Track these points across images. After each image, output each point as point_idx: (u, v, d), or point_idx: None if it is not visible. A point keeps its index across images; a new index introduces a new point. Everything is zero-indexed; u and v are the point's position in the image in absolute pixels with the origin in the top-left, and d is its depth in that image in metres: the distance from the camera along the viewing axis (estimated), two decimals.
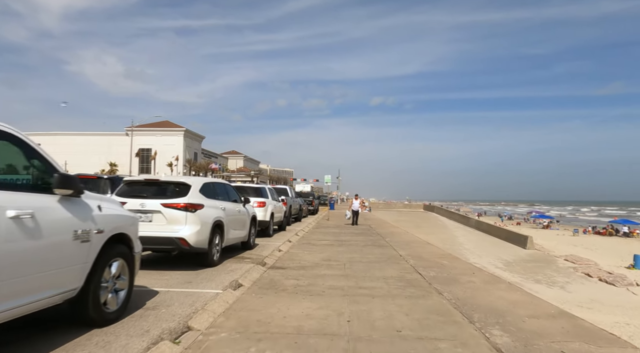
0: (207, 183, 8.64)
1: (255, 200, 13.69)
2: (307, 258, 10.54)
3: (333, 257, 10.87)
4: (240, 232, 10.11)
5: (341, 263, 9.87)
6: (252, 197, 13.79)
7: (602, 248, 34.02)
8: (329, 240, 15.06)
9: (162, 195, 7.75)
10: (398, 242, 15.24)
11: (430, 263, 10.28)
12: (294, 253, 11.41)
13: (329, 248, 12.70)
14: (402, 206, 65.60)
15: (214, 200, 8.64)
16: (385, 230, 21.07)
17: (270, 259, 9.93)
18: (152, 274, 7.45)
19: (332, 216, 31.01)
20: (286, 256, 10.78)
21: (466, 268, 9.84)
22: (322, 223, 24.83)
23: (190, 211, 7.64)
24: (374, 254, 11.60)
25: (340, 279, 7.91)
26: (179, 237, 7.49)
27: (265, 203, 13.90)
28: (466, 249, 24.75)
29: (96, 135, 78.85)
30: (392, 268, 9.37)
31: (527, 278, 16.08)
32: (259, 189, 14.15)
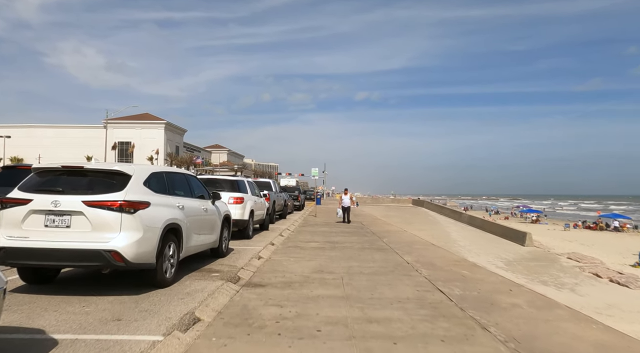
0: (156, 174, 6.27)
1: (230, 195, 11.34)
2: (294, 268, 8.26)
3: (326, 266, 8.62)
4: (208, 236, 7.78)
5: (337, 275, 7.62)
6: (227, 192, 11.44)
7: (598, 244, 32.59)
8: (319, 241, 12.80)
9: (87, 190, 5.37)
10: (398, 242, 13.07)
11: (447, 274, 8.12)
12: (278, 261, 9.12)
13: (320, 253, 10.44)
14: (390, 201, 63.64)
15: (167, 196, 6.29)
16: (379, 228, 18.91)
17: (246, 271, 7.62)
18: (69, 302, 5.09)
19: (319, 212, 28.76)
20: (268, 266, 8.48)
21: (496, 282, 7.69)
22: (310, 220, 22.54)
23: (127, 212, 5.28)
24: (375, 261, 9.38)
25: (340, 305, 5.66)
26: (110, 250, 5.13)
27: (243, 199, 11.54)
28: (462, 247, 22.76)
29: (73, 128, 74.98)
30: (404, 283, 7.16)
31: (532, 280, 14.07)
32: (235, 183, 11.78)
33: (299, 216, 24.06)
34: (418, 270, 8.41)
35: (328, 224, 19.79)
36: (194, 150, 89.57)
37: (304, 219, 22.56)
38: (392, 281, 7.29)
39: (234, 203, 11.30)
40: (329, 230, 16.56)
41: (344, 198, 20.61)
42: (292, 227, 16.97)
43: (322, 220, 22.25)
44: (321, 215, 26.36)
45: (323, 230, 16.48)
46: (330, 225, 19.41)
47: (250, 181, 13.40)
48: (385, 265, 8.95)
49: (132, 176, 5.62)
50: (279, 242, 12.26)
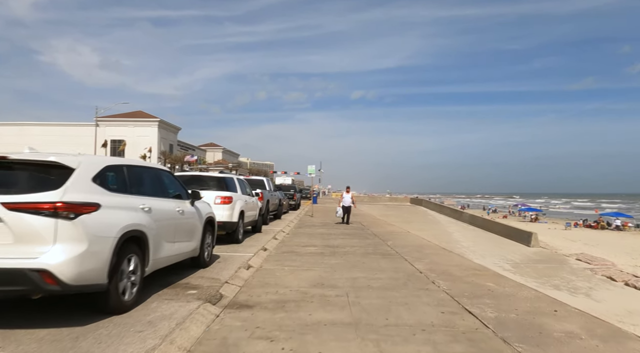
0: (112, 167, 4.88)
1: (217, 194, 9.96)
2: (289, 281, 6.91)
3: (327, 277, 7.26)
4: (185, 244, 6.40)
5: (341, 291, 6.28)
6: (214, 191, 10.06)
7: (603, 244, 31.46)
8: (317, 246, 11.45)
9: (10, 188, 3.98)
10: (404, 246, 11.75)
11: (470, 287, 6.79)
12: (270, 271, 7.75)
13: (319, 260, 9.08)
14: (388, 199, 62.30)
15: (129, 196, 4.91)
16: (381, 229, 17.58)
17: (231, 286, 6.26)
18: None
19: (316, 211, 27.40)
20: (258, 278, 7.12)
21: (531, 298, 6.37)
22: (306, 220, 21.19)
23: (65, 217, 3.91)
24: (383, 271, 8.04)
25: (349, 337, 4.31)
26: (38, 269, 3.76)
27: (231, 198, 10.16)
28: (465, 247, 21.48)
29: (65, 126, 73.01)
30: (424, 301, 5.82)
31: (543, 284, 12.78)
32: (223, 180, 10.36)
33: (294, 216, 22.69)
34: (435, 282, 7.08)
35: (326, 225, 18.44)
36: (189, 148, 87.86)
37: (300, 219, 21.20)
38: (408, 298, 5.95)
39: (221, 204, 9.92)
40: (327, 232, 15.21)
41: (345, 197, 18.97)
42: (287, 229, 15.61)
43: (320, 221, 20.90)
44: (318, 215, 25.02)
45: (321, 232, 15.13)
46: (329, 226, 18.07)
47: (241, 179, 12.02)
48: (395, 275, 7.61)
49: (75, 170, 4.24)
50: (273, 246, 10.89)
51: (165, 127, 77.75)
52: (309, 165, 23.97)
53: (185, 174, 10.64)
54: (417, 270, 8.17)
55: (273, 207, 17.89)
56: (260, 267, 8.14)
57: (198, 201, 7.06)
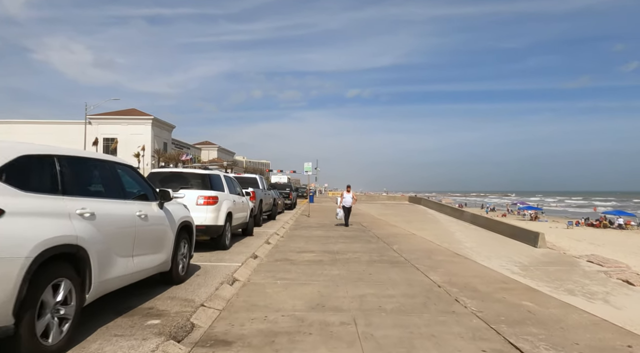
0: (31, 158, 3.45)
1: (200, 194, 8.58)
2: (281, 301, 5.55)
3: (328, 295, 5.92)
4: (150, 257, 5.04)
5: (347, 316, 4.93)
6: (196, 190, 8.68)
7: (610, 244, 30.30)
8: (315, 251, 10.09)
9: None
10: (412, 251, 10.43)
11: (506, 309, 5.47)
12: (259, 287, 6.39)
13: (317, 270, 7.72)
14: (386, 198, 60.98)
15: (55, 198, 3.54)
16: (383, 230, 16.25)
17: (207, 312, 4.89)
18: None
19: (313, 211, 26.04)
20: (243, 296, 5.76)
21: (587, 323, 5.04)
22: (302, 221, 19.83)
23: None
24: (395, 284, 6.70)
25: None
26: None
27: (217, 199, 8.77)
28: (468, 248, 20.18)
29: (56, 124, 71.22)
30: (454, 331, 4.48)
31: (556, 288, 11.48)
32: (207, 178, 8.96)
33: (290, 216, 21.32)
34: (460, 300, 5.76)
35: (324, 226, 17.09)
36: (183, 146, 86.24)
37: (296, 220, 19.84)
38: (433, 327, 4.61)
39: (204, 205, 8.55)
40: (325, 235, 13.86)
41: (346, 197, 17.11)
42: (281, 231, 14.25)
43: (317, 221, 19.55)
44: (315, 215, 23.67)
45: (319, 235, 13.77)
46: (327, 227, 16.72)
47: (229, 176, 10.62)
48: (411, 291, 6.27)
49: None
50: (265, 252, 9.52)
51: (159, 125, 76.10)
52: (306, 163, 22.64)
53: (163, 171, 9.25)
54: (434, 284, 6.84)
55: (267, 207, 16.53)
56: (248, 280, 6.77)
57: (170, 203, 5.69)
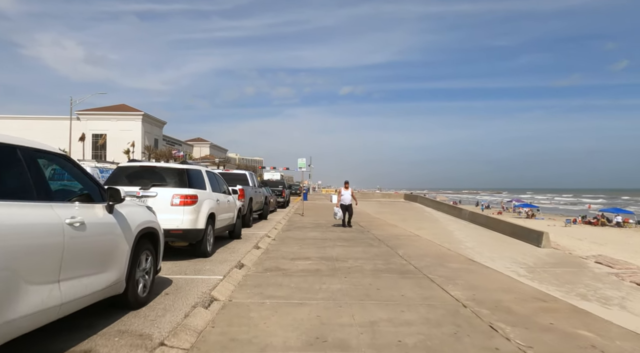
0: None
1: (175, 192, 7.20)
2: (269, 333, 4.21)
3: (329, 323, 4.59)
4: (90, 279, 3.68)
5: None
6: (170, 187, 7.31)
7: (611, 243, 29.28)
8: (311, 258, 8.75)
9: None
10: (421, 257, 9.14)
11: (562, 342, 4.19)
12: (243, 310, 5.04)
13: (314, 285, 6.38)
14: (380, 196, 59.69)
15: None
16: (384, 231, 14.97)
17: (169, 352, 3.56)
18: None
19: (307, 209, 24.69)
20: (221, 326, 4.41)
21: None
22: (296, 220, 18.48)
23: None
24: (410, 304, 5.39)
25: None
26: None
27: (196, 198, 7.40)
28: (469, 248, 18.97)
29: (44, 120, 69.09)
30: None
31: (568, 292, 10.27)
32: (184, 173, 7.51)
33: (282, 215, 19.96)
34: (497, 328, 4.47)
35: (319, 226, 15.77)
36: (175, 143, 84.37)
37: (289, 220, 18.49)
38: None
39: (181, 205, 7.18)
40: (321, 237, 12.53)
41: (345, 194, 15.51)
42: (273, 232, 12.90)
43: (311, 221, 18.23)
44: (309, 214, 22.34)
45: (314, 237, 12.44)
46: (322, 227, 15.40)
47: (212, 172, 9.23)
48: (433, 315, 4.96)
49: None
50: (253, 260, 8.17)
51: (150, 121, 74.22)
52: (299, 159, 21.29)
53: (133, 165, 7.83)
54: (458, 302, 5.55)
55: (257, 206, 15.18)
56: (229, 299, 5.43)
57: (126, 205, 4.34)
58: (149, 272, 4.89)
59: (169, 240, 7.21)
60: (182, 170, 7.56)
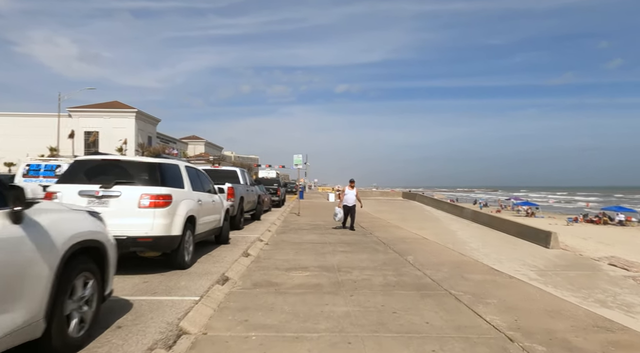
0: None
1: (143, 192, 5.86)
2: None
3: None
4: None
5: None
6: (137, 185, 5.97)
7: (618, 242, 28.16)
8: (310, 268, 7.43)
9: None
10: (437, 266, 7.86)
11: None
12: (221, 349, 3.73)
13: (315, 308, 5.05)
14: (379, 194, 58.39)
15: None
16: (388, 232, 13.68)
17: None
18: None
19: (303, 208, 23.37)
20: None
21: None
22: (292, 221, 17.16)
23: None
24: (442, 338, 4.08)
25: None
26: None
27: (170, 198, 6.06)
28: (474, 249, 17.76)
29: (34, 117, 67.19)
30: None
31: (585, 298, 9.04)
32: (156, 169, 6.12)
33: (277, 216, 18.63)
34: None
35: (317, 228, 14.46)
36: (169, 141, 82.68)
37: (284, 220, 17.16)
38: None
39: (150, 207, 5.84)
40: (320, 240, 11.22)
41: (348, 194, 13.80)
42: (267, 235, 11.57)
43: (308, 221, 16.91)
44: (306, 213, 21.03)
45: (312, 241, 11.12)
46: (321, 229, 14.09)
47: (193, 168, 7.87)
48: None
49: None
50: (240, 272, 6.84)
51: (143, 118, 72.49)
52: (295, 155, 20.00)
53: (93, 159, 6.42)
54: (500, 334, 4.27)
55: (249, 206, 13.85)
56: (204, 332, 4.11)
57: (45, 210, 3.01)
58: (91, 300, 3.56)
59: (137, 250, 5.89)
60: (153, 164, 6.21)
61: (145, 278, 5.83)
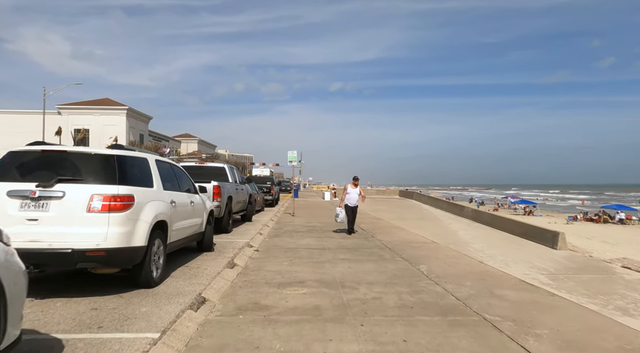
0: None
1: (94, 192, 4.54)
2: None
3: None
4: None
5: None
6: (87, 184, 4.64)
7: (623, 242, 27.20)
8: (307, 283, 6.13)
9: None
10: (456, 278, 6.61)
11: None
12: None
13: (314, 347, 3.78)
14: (375, 192, 57.11)
15: None
16: (391, 235, 12.42)
17: None
18: None
19: (298, 208, 22.07)
20: None
21: None
22: (286, 222, 15.86)
23: None
24: None
25: None
26: None
27: (131, 200, 4.75)
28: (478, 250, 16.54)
29: (21, 114, 65.24)
30: None
31: (605, 305, 7.82)
32: (112, 162, 4.73)
33: (270, 216, 17.30)
34: None
35: (313, 230, 13.16)
36: (162, 139, 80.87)
37: (278, 221, 15.85)
38: None
39: (103, 211, 4.52)
40: (318, 245, 9.92)
41: (351, 193, 12.21)
42: (257, 240, 10.26)
43: (304, 222, 15.62)
44: (301, 213, 19.73)
45: (308, 246, 9.82)
46: (318, 231, 12.79)
47: (167, 162, 6.53)
48: None
49: None
50: (222, 290, 5.53)
51: (135, 116, 70.69)
52: (289, 151, 18.67)
53: (31, 149, 5.04)
54: None
55: (239, 206, 12.52)
56: None
57: None
58: None
59: (86, 266, 4.57)
60: (109, 157, 4.87)
61: (96, 303, 4.51)
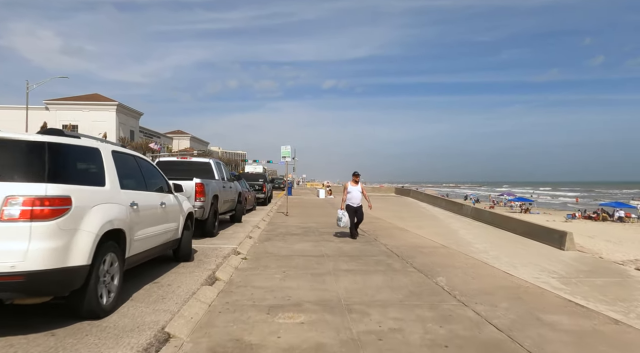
0: None
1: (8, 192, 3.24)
2: None
3: None
4: None
5: None
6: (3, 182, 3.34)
7: (627, 240, 26.27)
8: (304, 308, 4.86)
9: None
10: (484, 294, 5.39)
11: None
12: None
13: None
14: (370, 190, 56.07)
15: None
16: (396, 239, 11.19)
17: None
18: None
19: (292, 206, 20.77)
20: None
21: None
22: (279, 223, 14.57)
23: None
24: None
25: None
26: None
27: (67, 204, 3.46)
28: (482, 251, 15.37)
29: (10, 109, 63.20)
30: None
31: (626, 313, 6.66)
32: (38, 152, 3.43)
33: (262, 216, 15.99)
34: None
35: (309, 232, 11.89)
36: (153, 135, 79.05)
37: (270, 222, 14.55)
38: None
39: (23, 220, 3.21)
40: (315, 251, 8.64)
41: (352, 191, 10.71)
42: (246, 245, 8.95)
43: (298, 223, 14.35)
44: (295, 213, 18.45)
45: (304, 252, 8.54)
46: (314, 233, 11.53)
47: (129, 154, 5.18)
48: None
49: None
50: (196, 319, 4.24)
51: (125, 112, 68.82)
52: (283, 146, 17.39)
53: None
54: None
55: (227, 206, 11.20)
56: None
57: None
58: None
59: None
60: (35, 144, 3.55)
61: (13, 346, 3.19)
